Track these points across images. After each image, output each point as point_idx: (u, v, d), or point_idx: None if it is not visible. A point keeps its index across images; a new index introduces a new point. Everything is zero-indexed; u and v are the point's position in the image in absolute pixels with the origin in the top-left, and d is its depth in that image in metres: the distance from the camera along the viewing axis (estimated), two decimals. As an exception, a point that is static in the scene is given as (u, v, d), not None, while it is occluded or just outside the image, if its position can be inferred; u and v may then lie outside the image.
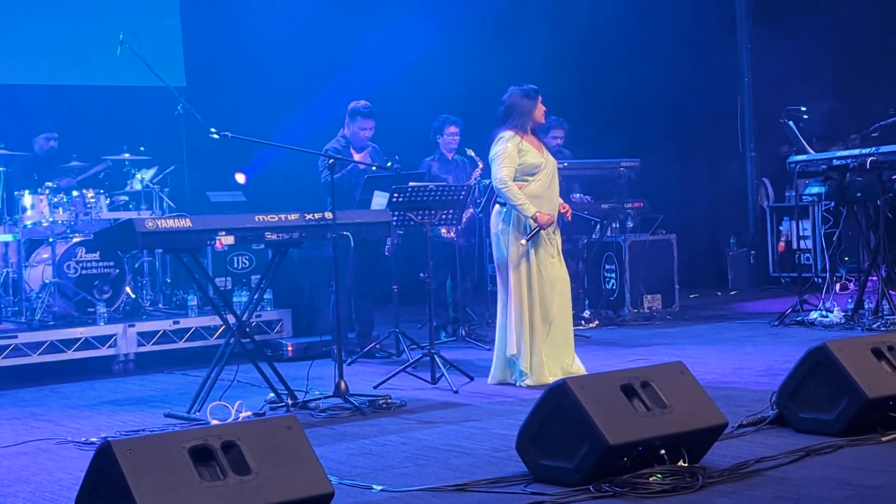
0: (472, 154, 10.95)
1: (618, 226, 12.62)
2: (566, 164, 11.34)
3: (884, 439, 5.91)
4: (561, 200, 8.59)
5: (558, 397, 5.31)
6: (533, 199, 8.26)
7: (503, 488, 5.28)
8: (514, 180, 8.28)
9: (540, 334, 8.29)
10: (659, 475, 5.17)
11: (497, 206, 8.45)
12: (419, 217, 8.94)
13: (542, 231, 8.27)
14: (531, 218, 8.22)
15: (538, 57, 14.38)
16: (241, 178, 10.40)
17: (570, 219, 8.72)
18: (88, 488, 4.34)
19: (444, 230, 10.56)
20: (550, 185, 8.42)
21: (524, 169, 8.32)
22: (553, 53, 14.92)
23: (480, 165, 10.82)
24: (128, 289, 10.64)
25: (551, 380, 8.03)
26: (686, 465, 5.32)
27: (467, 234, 11.13)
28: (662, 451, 5.29)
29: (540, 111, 8.49)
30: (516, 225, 8.33)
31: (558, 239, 8.50)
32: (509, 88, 8.54)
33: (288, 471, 4.45)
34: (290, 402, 7.57)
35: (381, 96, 11.31)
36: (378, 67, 14.37)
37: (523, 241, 8.25)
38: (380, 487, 5.39)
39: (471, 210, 10.83)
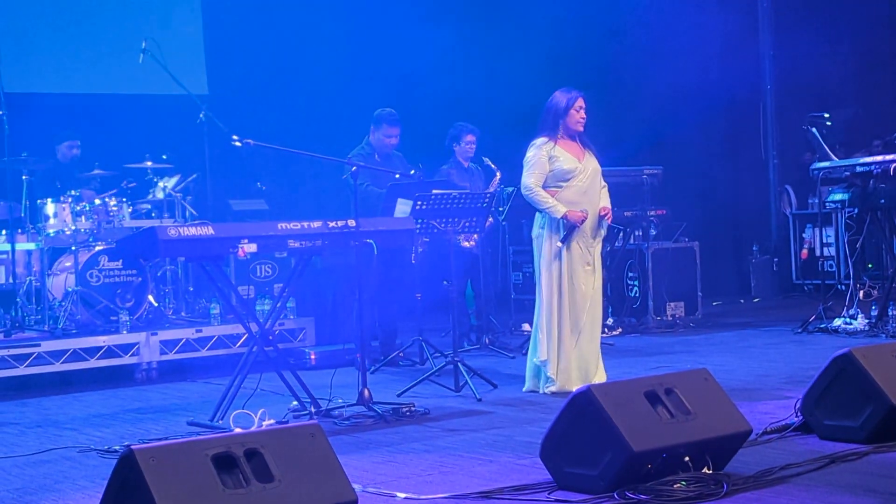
0: (489, 163, 10.95)
1: (640, 233, 12.60)
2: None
3: (910, 446, 5.88)
4: (605, 205, 8.45)
5: (583, 404, 5.30)
6: (568, 205, 8.21)
7: (527, 495, 5.26)
8: (547, 187, 8.26)
9: (567, 342, 8.24)
10: (683, 482, 5.15)
11: (538, 213, 8.46)
12: (443, 224, 8.93)
13: (577, 238, 8.23)
14: (562, 218, 8.19)
15: (558, 64, 14.37)
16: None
17: (609, 222, 8.54)
18: (111, 496, 4.33)
19: (461, 238, 10.51)
20: (588, 190, 8.31)
21: (557, 175, 8.28)
22: (574, 61, 14.90)
23: (498, 175, 10.83)
24: (150, 297, 10.65)
25: (576, 388, 8.05)
26: (710, 472, 5.29)
27: (487, 243, 11.11)
28: (687, 458, 5.27)
29: (573, 118, 8.34)
30: (552, 228, 8.31)
31: (597, 248, 8.43)
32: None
33: (311, 478, 4.44)
34: (313, 410, 7.56)
35: (404, 103, 11.30)
36: (402, 74, 14.38)
37: (558, 243, 8.23)
38: (403, 495, 5.38)
39: (491, 219, 10.81)
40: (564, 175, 8.27)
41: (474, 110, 13.11)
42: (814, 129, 11.69)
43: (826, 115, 12.20)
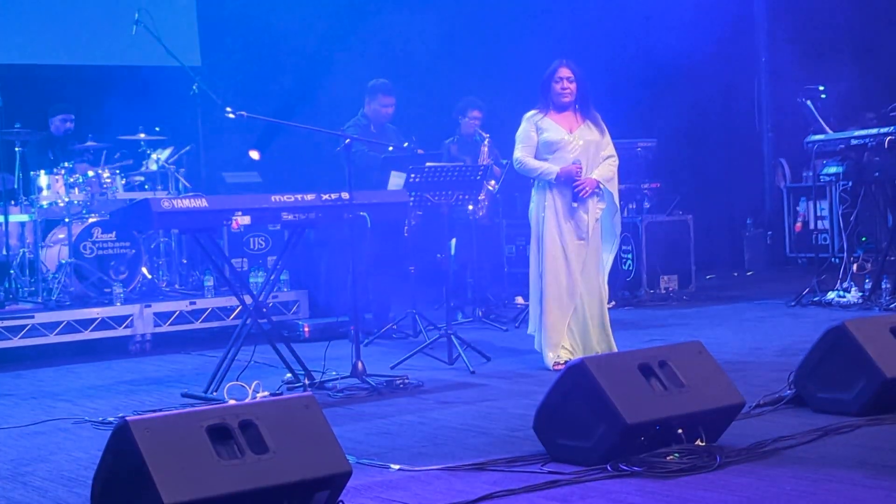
0: (480, 132, 10.93)
1: (634, 206, 12.60)
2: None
3: (902, 419, 5.90)
4: (598, 176, 8.21)
5: (576, 377, 5.31)
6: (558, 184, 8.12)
7: (521, 467, 5.27)
8: (538, 159, 8.19)
9: (551, 314, 8.16)
10: (676, 454, 5.17)
11: (532, 191, 8.38)
12: (436, 197, 8.93)
13: (568, 214, 8.12)
14: (556, 178, 8.08)
15: (556, 38, 14.34)
16: (254, 154, 10.37)
17: (585, 196, 8.14)
18: (106, 467, 4.34)
19: (471, 207, 10.53)
20: (574, 162, 8.11)
21: (543, 147, 8.19)
22: (570, 35, 14.86)
23: (487, 139, 10.78)
24: (144, 269, 10.65)
25: (555, 362, 8.07)
26: (703, 444, 5.30)
27: (490, 214, 11.13)
28: (680, 431, 5.28)
29: (554, 90, 8.18)
30: (542, 197, 8.21)
31: (589, 219, 8.23)
32: None
33: (306, 449, 4.44)
34: (307, 382, 7.57)
35: (399, 75, 11.27)
36: (396, 46, 14.34)
37: (574, 204, 8.12)
38: (397, 467, 5.39)
39: (492, 184, 10.79)
40: (550, 147, 8.18)
41: (471, 83, 13.08)
42: (809, 102, 11.68)
43: (821, 88, 12.19)
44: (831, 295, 10.93)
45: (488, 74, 14.37)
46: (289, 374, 7.71)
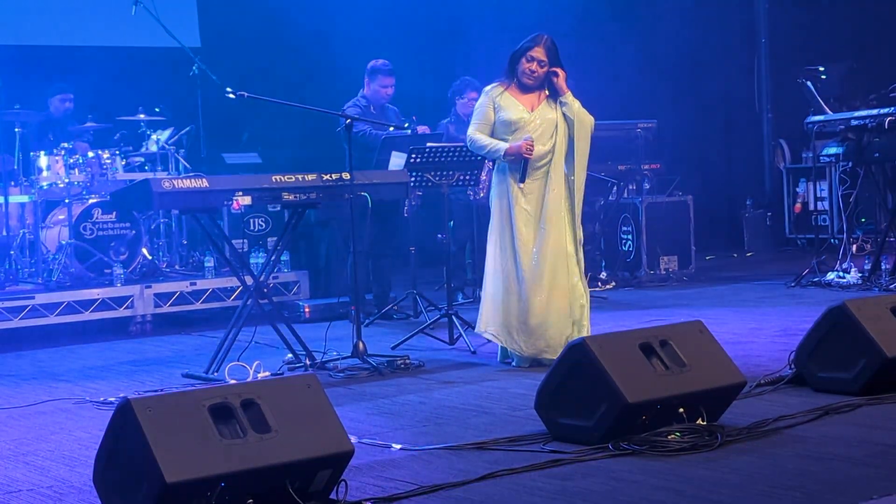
0: None
1: (634, 187, 12.60)
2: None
3: (903, 398, 5.91)
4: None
5: (577, 356, 5.31)
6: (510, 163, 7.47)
7: (522, 446, 5.28)
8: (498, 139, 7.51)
9: (487, 310, 7.60)
10: (678, 433, 5.17)
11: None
12: (437, 178, 8.93)
13: (519, 197, 7.45)
14: (504, 156, 7.43)
15: (555, 18, 14.29)
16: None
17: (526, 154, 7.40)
18: (108, 446, 4.34)
19: (471, 194, 10.52)
20: (525, 139, 7.38)
21: (500, 126, 7.51)
22: (570, 14, 14.82)
23: None
24: (144, 250, 10.64)
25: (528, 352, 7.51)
26: (705, 423, 5.31)
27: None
28: (681, 410, 5.29)
29: (521, 68, 7.44)
30: (497, 177, 7.61)
31: (552, 201, 7.45)
32: None
33: (308, 429, 4.44)
34: (308, 362, 7.58)
35: (398, 57, 11.25)
36: (396, 27, 14.32)
37: (521, 186, 7.44)
38: (399, 446, 5.40)
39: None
40: (508, 126, 7.47)
41: (473, 63, 13.06)
42: (808, 83, 11.67)
43: (821, 69, 12.18)
44: (831, 276, 10.94)
45: (487, 55, 14.33)
46: (290, 355, 7.71)
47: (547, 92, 7.56)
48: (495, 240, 7.60)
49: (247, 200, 7.34)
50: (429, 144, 9.22)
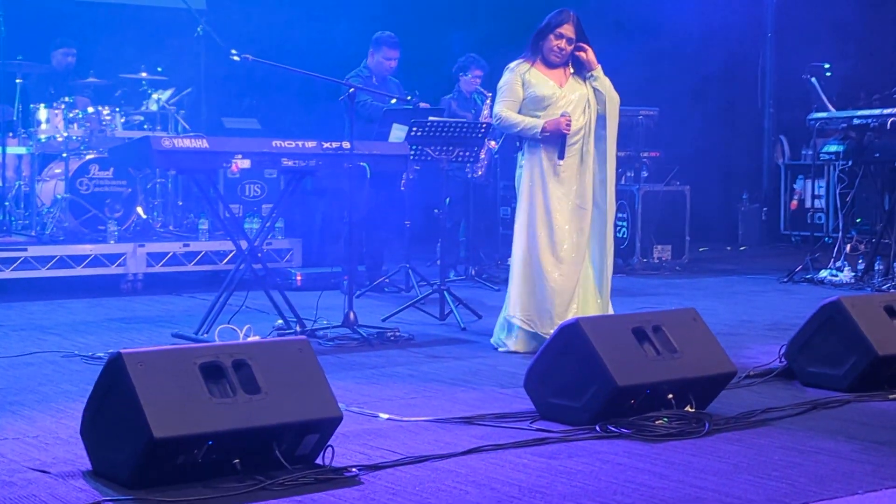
0: (482, 90, 10.83)
1: (632, 174, 12.58)
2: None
3: (891, 396, 5.91)
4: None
5: (569, 336, 5.31)
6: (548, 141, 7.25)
7: (509, 423, 5.28)
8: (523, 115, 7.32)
9: (516, 295, 7.32)
10: (665, 419, 5.18)
11: (518, 154, 7.60)
12: (436, 152, 8.90)
13: (555, 178, 7.26)
14: (541, 133, 7.22)
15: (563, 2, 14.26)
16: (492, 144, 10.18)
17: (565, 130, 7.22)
18: (97, 399, 4.33)
19: (469, 173, 10.50)
20: (563, 114, 7.24)
21: (530, 103, 7.32)
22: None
23: (489, 95, 10.57)
24: (139, 209, 10.63)
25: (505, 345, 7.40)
26: (693, 410, 5.31)
27: (487, 174, 11.10)
28: (670, 396, 5.29)
29: (549, 45, 7.26)
30: (528, 157, 7.37)
31: (586, 177, 7.40)
32: None
33: (297, 392, 4.44)
34: (298, 329, 7.57)
35: (405, 28, 11.21)
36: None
37: (560, 163, 7.26)
38: (386, 416, 5.40)
39: (493, 143, 10.73)
40: (540, 102, 7.30)
41: (478, 40, 13.02)
42: (813, 80, 11.65)
43: (826, 66, 12.16)
44: (824, 273, 10.95)
45: (490, 31, 14.30)
46: (280, 321, 7.69)
47: (572, 69, 7.43)
48: (524, 221, 7.33)
49: (246, 164, 7.33)
50: (430, 118, 9.19)
